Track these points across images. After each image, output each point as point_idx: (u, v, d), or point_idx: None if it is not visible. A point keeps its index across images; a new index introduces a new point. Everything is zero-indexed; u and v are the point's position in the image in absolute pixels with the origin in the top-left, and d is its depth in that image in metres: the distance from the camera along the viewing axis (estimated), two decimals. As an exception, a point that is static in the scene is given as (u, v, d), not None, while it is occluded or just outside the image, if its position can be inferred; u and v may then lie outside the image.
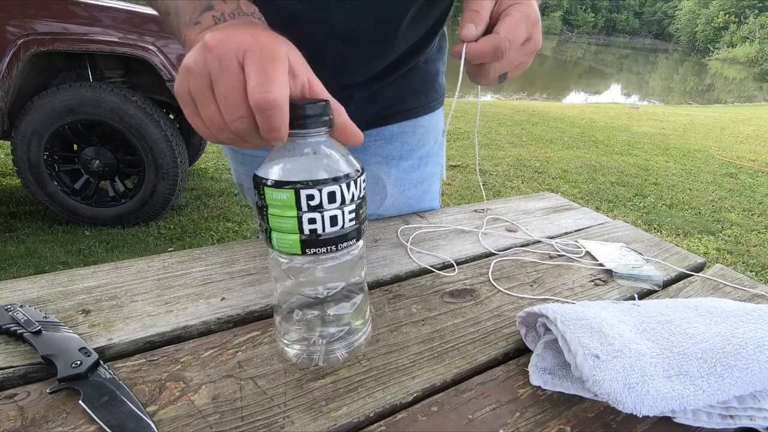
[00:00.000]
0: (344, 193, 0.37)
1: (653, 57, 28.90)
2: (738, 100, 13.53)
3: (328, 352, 0.44)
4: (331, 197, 0.37)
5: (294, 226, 0.37)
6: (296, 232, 0.37)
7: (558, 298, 0.58)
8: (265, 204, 0.38)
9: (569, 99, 11.53)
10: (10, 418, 0.36)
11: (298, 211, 0.37)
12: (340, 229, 0.38)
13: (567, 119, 6.50)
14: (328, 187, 0.36)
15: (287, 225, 0.37)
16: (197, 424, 0.37)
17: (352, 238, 0.40)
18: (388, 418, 0.39)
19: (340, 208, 0.38)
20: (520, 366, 0.46)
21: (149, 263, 0.59)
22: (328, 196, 0.37)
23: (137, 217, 2.52)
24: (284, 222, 0.37)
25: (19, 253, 2.20)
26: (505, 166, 4.03)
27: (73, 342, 0.42)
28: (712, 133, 6.34)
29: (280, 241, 0.38)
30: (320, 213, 0.37)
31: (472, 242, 0.71)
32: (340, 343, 0.44)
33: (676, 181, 4.03)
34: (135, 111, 2.28)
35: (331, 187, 0.37)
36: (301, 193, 0.36)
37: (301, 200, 0.36)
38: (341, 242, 0.39)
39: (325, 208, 0.37)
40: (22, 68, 2.16)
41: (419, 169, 0.80)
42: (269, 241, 0.39)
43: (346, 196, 0.38)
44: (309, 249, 0.38)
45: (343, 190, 0.37)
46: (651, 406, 0.38)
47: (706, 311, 0.46)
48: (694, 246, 2.84)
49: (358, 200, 0.39)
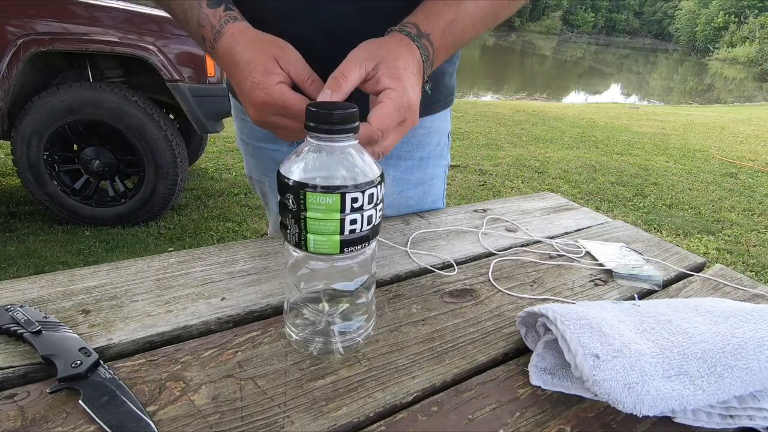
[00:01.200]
0: (378, 193, 0.40)
1: (653, 57, 28.90)
2: (738, 100, 13.53)
3: (327, 343, 0.45)
4: (371, 199, 0.39)
5: (336, 228, 0.39)
6: (337, 234, 0.39)
7: (558, 298, 0.58)
8: (304, 208, 0.38)
9: (569, 99, 11.53)
10: (10, 418, 0.36)
11: (341, 214, 0.38)
12: (372, 227, 0.41)
13: (567, 119, 6.51)
14: (369, 190, 0.39)
15: (329, 227, 0.39)
16: (197, 424, 0.37)
17: (377, 234, 0.43)
18: (388, 418, 0.39)
19: (374, 208, 0.40)
20: (520, 366, 0.46)
21: (149, 263, 0.59)
22: (368, 198, 0.39)
23: (137, 217, 2.52)
24: (326, 224, 0.39)
25: (19, 253, 2.19)
26: (505, 166, 4.03)
27: (73, 342, 0.42)
28: (712, 133, 6.34)
29: (317, 243, 0.40)
30: (360, 214, 0.39)
31: (472, 242, 0.71)
32: (342, 336, 0.45)
33: (676, 181, 4.03)
34: (135, 111, 2.28)
35: (371, 189, 0.39)
36: (346, 196, 0.38)
37: (346, 203, 0.38)
38: (371, 239, 0.42)
39: (365, 209, 0.39)
40: (22, 68, 2.16)
41: (419, 169, 0.79)
42: (303, 244, 0.40)
43: (378, 196, 0.40)
44: (347, 248, 0.40)
45: (377, 191, 0.40)
46: (651, 405, 0.38)
47: (706, 311, 0.46)
48: (694, 246, 2.84)
49: (383, 199, 0.42)
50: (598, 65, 22.33)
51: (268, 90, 0.47)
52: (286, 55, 0.49)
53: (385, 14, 0.55)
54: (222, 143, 4.04)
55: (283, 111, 0.48)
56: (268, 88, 0.47)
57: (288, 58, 0.49)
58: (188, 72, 2.33)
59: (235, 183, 3.25)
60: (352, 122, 0.38)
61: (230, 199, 2.99)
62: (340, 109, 0.38)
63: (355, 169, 0.39)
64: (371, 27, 0.52)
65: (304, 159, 0.39)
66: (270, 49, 0.49)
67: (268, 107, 0.48)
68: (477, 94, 10.19)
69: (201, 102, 2.36)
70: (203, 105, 2.37)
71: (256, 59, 0.48)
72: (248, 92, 0.49)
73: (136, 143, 2.34)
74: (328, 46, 0.58)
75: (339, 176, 0.39)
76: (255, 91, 0.48)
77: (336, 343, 0.45)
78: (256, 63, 0.48)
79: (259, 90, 0.47)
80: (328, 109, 0.38)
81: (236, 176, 3.38)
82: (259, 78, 0.47)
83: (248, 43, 0.50)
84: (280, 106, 0.48)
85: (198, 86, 2.35)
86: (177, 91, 2.32)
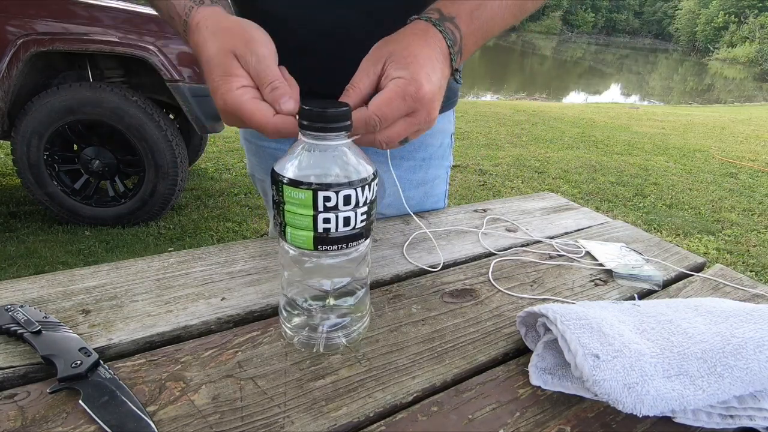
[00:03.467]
0: (359, 196, 0.39)
1: (653, 57, 28.90)
2: (738, 100, 13.53)
3: (329, 339, 0.45)
4: (347, 200, 0.38)
5: (309, 224, 0.39)
6: (310, 230, 0.39)
7: (558, 298, 0.58)
8: (282, 200, 0.39)
9: (569, 99, 11.53)
10: (10, 418, 0.36)
11: (314, 211, 0.38)
12: (351, 229, 0.40)
13: (567, 119, 6.50)
14: (344, 191, 0.38)
15: (302, 222, 0.39)
16: (197, 424, 0.37)
17: (361, 237, 0.41)
18: (388, 418, 0.39)
19: (353, 210, 0.39)
20: (520, 366, 0.46)
21: (149, 263, 0.59)
22: (343, 199, 0.38)
23: (137, 217, 2.52)
24: (299, 219, 0.39)
25: (19, 253, 2.19)
26: (505, 166, 4.03)
27: (73, 342, 0.42)
28: (712, 133, 6.34)
29: (293, 236, 0.40)
30: (335, 214, 0.39)
31: (472, 242, 0.71)
32: (341, 331, 0.46)
33: (676, 181, 4.03)
34: (135, 111, 2.28)
35: (347, 190, 0.38)
36: (318, 194, 0.37)
37: (318, 201, 0.38)
38: (351, 241, 0.41)
39: (340, 210, 0.38)
40: (22, 68, 2.15)
41: (421, 170, 0.79)
42: (282, 235, 0.41)
43: (360, 198, 0.39)
44: (321, 246, 0.40)
45: (357, 193, 0.39)
46: (651, 406, 0.38)
47: (706, 311, 0.46)
48: (694, 246, 2.84)
49: (370, 202, 0.41)
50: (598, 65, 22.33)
51: (225, 96, 0.42)
52: (249, 52, 0.42)
53: (384, 17, 0.55)
54: (222, 143, 4.04)
55: (240, 123, 0.43)
56: (225, 94, 0.42)
57: (251, 56, 0.42)
58: (188, 72, 2.33)
59: (235, 183, 3.25)
60: (336, 121, 0.38)
61: (230, 199, 2.99)
62: (333, 107, 0.38)
63: (333, 168, 0.39)
64: (370, 30, 0.51)
65: (299, 156, 0.40)
66: (232, 43, 0.43)
67: (229, 113, 0.43)
68: (477, 94, 10.19)
69: (201, 102, 2.36)
70: (203, 105, 2.37)
71: (215, 57, 0.43)
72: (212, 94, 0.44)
73: (136, 143, 2.34)
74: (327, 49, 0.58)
75: (314, 173, 0.38)
76: (215, 95, 0.43)
77: (339, 338, 0.46)
78: (214, 62, 0.43)
79: (218, 95, 0.42)
80: (313, 106, 0.37)
81: (236, 176, 3.38)
82: (217, 81, 0.42)
83: (213, 35, 0.44)
84: (237, 117, 0.42)
85: (198, 86, 2.35)
86: (177, 91, 2.32)
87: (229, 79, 0.42)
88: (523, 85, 12.72)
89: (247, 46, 0.43)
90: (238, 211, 2.83)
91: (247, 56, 0.42)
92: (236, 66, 0.42)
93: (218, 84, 0.42)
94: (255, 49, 0.43)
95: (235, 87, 0.41)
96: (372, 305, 0.53)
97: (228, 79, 0.42)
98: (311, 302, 0.45)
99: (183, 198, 2.87)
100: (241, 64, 0.42)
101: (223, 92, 0.42)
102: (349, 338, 0.47)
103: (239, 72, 0.42)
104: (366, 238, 0.42)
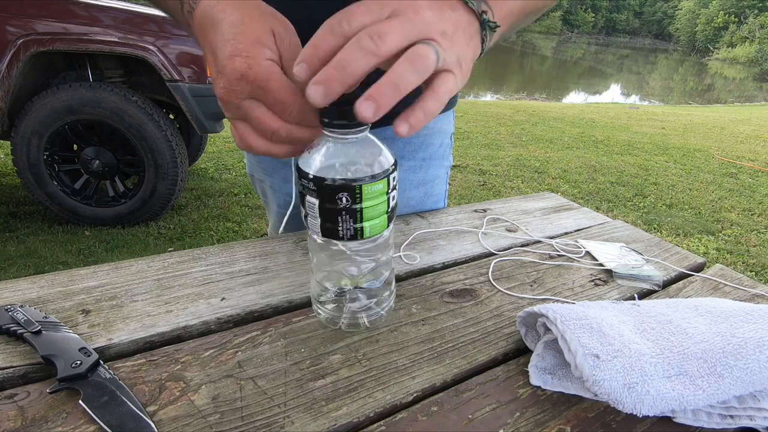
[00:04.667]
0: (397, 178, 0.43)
1: (653, 57, 28.91)
2: (738, 100, 13.53)
3: (353, 319, 0.48)
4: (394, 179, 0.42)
5: (384, 206, 0.42)
6: (385, 213, 0.42)
7: (558, 298, 0.58)
8: (360, 199, 0.40)
9: (569, 99, 11.53)
10: (10, 418, 0.36)
11: (387, 194, 0.41)
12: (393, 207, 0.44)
13: (567, 119, 6.51)
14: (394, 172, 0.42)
15: (380, 209, 0.42)
16: (197, 424, 0.37)
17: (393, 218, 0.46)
18: (388, 418, 0.39)
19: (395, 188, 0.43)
20: (520, 366, 0.46)
21: (149, 263, 0.59)
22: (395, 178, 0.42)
23: (137, 217, 2.52)
24: (378, 208, 0.41)
25: (19, 253, 2.19)
26: (505, 166, 4.03)
27: (73, 342, 0.42)
28: (712, 133, 6.35)
29: (372, 227, 0.42)
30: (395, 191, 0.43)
31: (472, 242, 0.71)
32: (366, 312, 0.48)
33: (676, 181, 4.03)
34: (135, 111, 2.28)
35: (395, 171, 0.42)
36: (390, 177, 0.41)
37: (390, 182, 0.41)
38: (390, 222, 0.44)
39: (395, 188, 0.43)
40: (22, 68, 2.16)
41: (421, 170, 0.79)
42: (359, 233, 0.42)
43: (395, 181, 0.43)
44: (390, 222, 0.44)
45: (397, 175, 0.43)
46: (651, 406, 0.38)
47: (706, 311, 0.46)
48: (694, 246, 2.84)
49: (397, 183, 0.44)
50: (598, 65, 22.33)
51: (253, 62, 0.37)
52: (286, 33, 0.40)
53: None
54: (222, 143, 4.04)
55: (263, 95, 0.38)
56: (253, 59, 0.37)
57: (288, 37, 0.40)
58: (188, 72, 2.33)
59: (235, 183, 3.25)
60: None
61: (230, 199, 2.99)
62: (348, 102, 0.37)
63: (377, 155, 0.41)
64: None
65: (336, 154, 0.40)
66: (269, 20, 0.40)
67: (246, 83, 0.37)
68: (477, 94, 10.19)
69: (201, 102, 2.36)
70: (203, 105, 2.37)
71: (248, 23, 0.38)
72: (225, 59, 0.38)
73: (136, 143, 2.34)
74: None
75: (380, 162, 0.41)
76: (235, 59, 0.37)
77: (362, 318, 0.48)
78: (246, 27, 0.38)
79: (241, 59, 0.37)
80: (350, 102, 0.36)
81: (236, 176, 3.38)
82: (246, 45, 0.37)
83: (239, 5, 0.40)
84: (261, 87, 0.37)
85: (198, 86, 2.35)
86: (177, 91, 2.32)
87: (262, 48, 0.38)
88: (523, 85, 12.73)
89: (285, 28, 0.40)
90: (238, 211, 2.83)
91: (285, 36, 0.39)
92: (271, 40, 0.39)
93: (246, 48, 0.37)
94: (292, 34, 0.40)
95: (266, 56, 0.37)
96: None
97: (260, 47, 0.38)
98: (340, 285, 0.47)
99: (183, 198, 2.87)
100: (276, 41, 0.39)
101: (252, 56, 0.37)
102: (372, 320, 0.49)
103: (273, 46, 0.38)
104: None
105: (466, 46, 0.39)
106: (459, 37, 0.38)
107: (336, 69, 0.33)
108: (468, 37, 0.39)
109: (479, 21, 0.40)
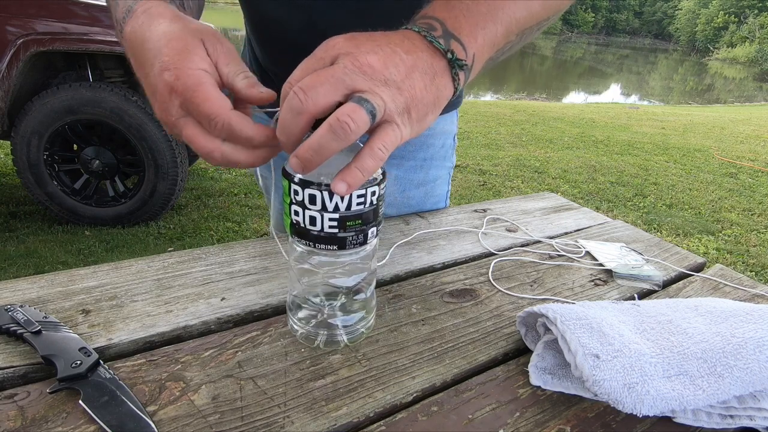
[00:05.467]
0: (325, 200, 0.38)
1: (653, 57, 28.92)
2: (738, 100, 13.53)
3: (330, 336, 0.46)
4: (312, 199, 0.38)
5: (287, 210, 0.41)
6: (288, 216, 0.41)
7: (558, 298, 0.58)
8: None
9: (569, 99, 11.53)
10: (10, 418, 0.36)
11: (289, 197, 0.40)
12: (319, 230, 0.39)
13: (567, 119, 6.51)
14: (309, 190, 0.38)
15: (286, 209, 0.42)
16: (197, 424, 0.37)
17: (334, 244, 0.40)
18: (388, 418, 0.39)
19: (320, 212, 0.39)
20: (520, 366, 0.46)
21: (149, 263, 0.59)
22: (309, 197, 0.38)
23: (137, 217, 2.52)
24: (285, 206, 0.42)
25: (19, 253, 2.19)
26: (505, 166, 4.03)
27: (73, 342, 0.42)
28: (712, 133, 6.35)
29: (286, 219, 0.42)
30: (301, 208, 0.39)
31: (472, 242, 0.71)
32: (343, 329, 0.46)
33: (676, 181, 4.03)
34: (135, 111, 2.28)
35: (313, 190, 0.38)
36: (292, 186, 0.39)
37: (292, 192, 0.39)
38: (319, 242, 0.40)
39: (307, 207, 0.39)
40: (22, 68, 2.15)
41: (422, 170, 0.79)
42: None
43: (328, 204, 0.38)
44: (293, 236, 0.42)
45: (324, 196, 0.38)
46: (651, 405, 0.38)
47: (706, 311, 0.46)
48: (694, 246, 2.84)
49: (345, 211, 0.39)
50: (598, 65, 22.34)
51: (180, 72, 0.34)
52: (217, 41, 0.37)
53: (382, 17, 0.55)
54: (222, 143, 4.03)
55: (193, 108, 0.34)
56: (180, 70, 0.34)
57: (219, 45, 0.37)
58: (188, 72, 2.33)
59: (235, 183, 3.25)
60: None
61: (230, 199, 2.99)
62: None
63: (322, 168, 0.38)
64: (368, 30, 0.51)
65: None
66: (198, 31, 0.37)
67: (176, 96, 0.35)
68: (477, 94, 10.19)
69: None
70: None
71: (175, 34, 0.36)
72: (155, 77, 0.35)
73: (136, 143, 2.34)
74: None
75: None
76: (163, 74, 0.35)
77: (341, 335, 0.46)
78: (173, 38, 0.36)
79: (168, 72, 0.34)
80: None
81: (236, 176, 3.38)
82: (174, 57, 0.35)
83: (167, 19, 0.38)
84: (188, 99, 0.34)
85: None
86: (177, 91, 2.31)
87: (189, 56, 0.35)
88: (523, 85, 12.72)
89: (216, 37, 0.38)
90: (238, 211, 2.83)
91: (216, 44, 0.37)
92: (200, 48, 0.36)
93: (174, 60, 0.35)
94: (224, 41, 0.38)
95: (194, 65, 0.35)
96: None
97: (188, 56, 0.35)
98: (319, 299, 0.46)
99: (183, 198, 2.87)
100: (207, 51, 0.36)
101: (179, 67, 0.34)
102: (351, 337, 0.47)
103: (202, 54, 0.36)
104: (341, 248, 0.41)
105: (424, 89, 0.36)
106: (414, 81, 0.36)
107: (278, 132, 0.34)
108: (428, 78, 0.37)
109: (446, 59, 0.38)
